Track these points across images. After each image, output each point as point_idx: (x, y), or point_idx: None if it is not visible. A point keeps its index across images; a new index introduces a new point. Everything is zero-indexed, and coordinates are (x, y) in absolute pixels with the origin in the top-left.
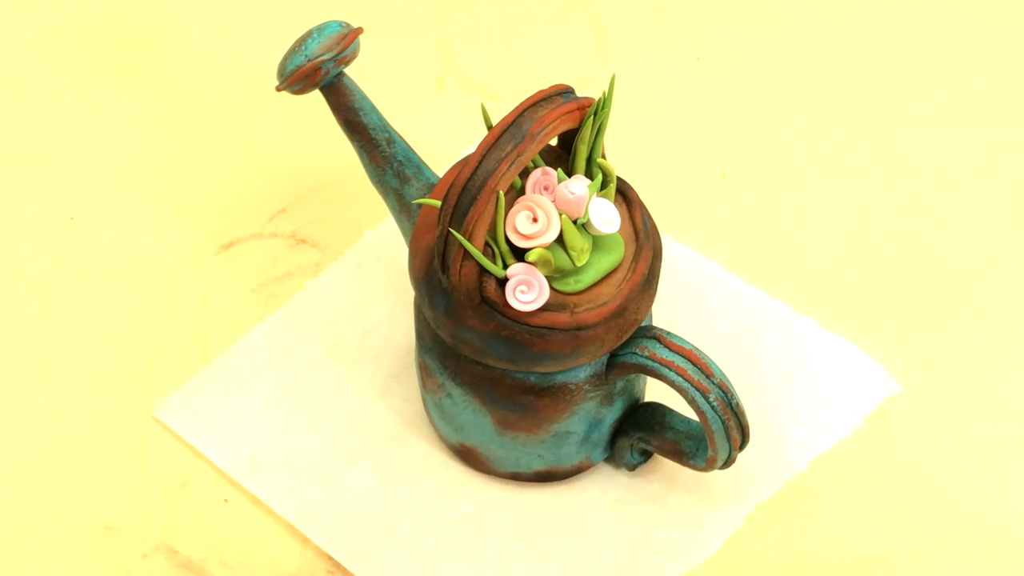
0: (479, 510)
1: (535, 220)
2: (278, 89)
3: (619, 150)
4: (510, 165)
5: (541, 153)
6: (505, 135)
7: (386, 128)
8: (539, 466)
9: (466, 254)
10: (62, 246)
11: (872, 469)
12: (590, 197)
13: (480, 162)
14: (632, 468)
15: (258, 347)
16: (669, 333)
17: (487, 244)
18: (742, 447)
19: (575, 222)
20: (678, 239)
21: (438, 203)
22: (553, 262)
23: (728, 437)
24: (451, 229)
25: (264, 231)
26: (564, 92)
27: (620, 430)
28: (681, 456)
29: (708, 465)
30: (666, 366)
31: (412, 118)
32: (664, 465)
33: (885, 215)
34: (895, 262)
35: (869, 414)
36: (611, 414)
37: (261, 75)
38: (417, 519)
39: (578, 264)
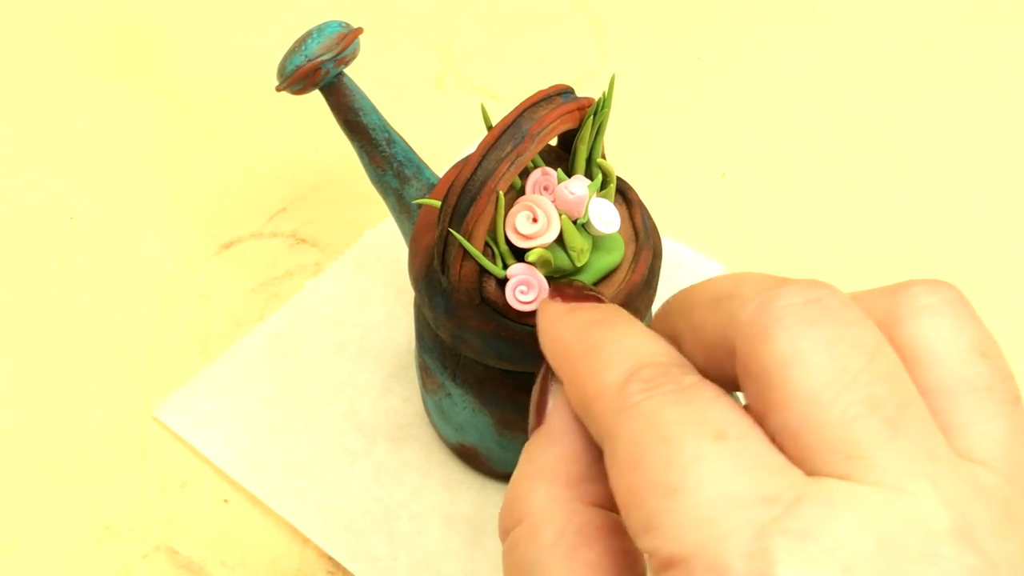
0: (479, 510)
1: (535, 220)
2: (278, 89)
3: (619, 150)
4: (510, 165)
5: (541, 153)
6: (505, 135)
7: (386, 128)
8: None
9: (466, 254)
10: (62, 246)
11: None
12: (590, 197)
13: (480, 162)
14: None
15: (258, 347)
16: None
17: (487, 244)
18: None
19: (575, 222)
20: (678, 239)
21: (438, 203)
22: (553, 262)
23: None
24: (451, 229)
25: (264, 231)
26: (564, 92)
27: None
28: None
29: None
30: None
31: (412, 118)
32: None
33: (885, 215)
34: (895, 262)
35: None
36: None
37: (261, 75)
38: (417, 519)
39: (578, 264)
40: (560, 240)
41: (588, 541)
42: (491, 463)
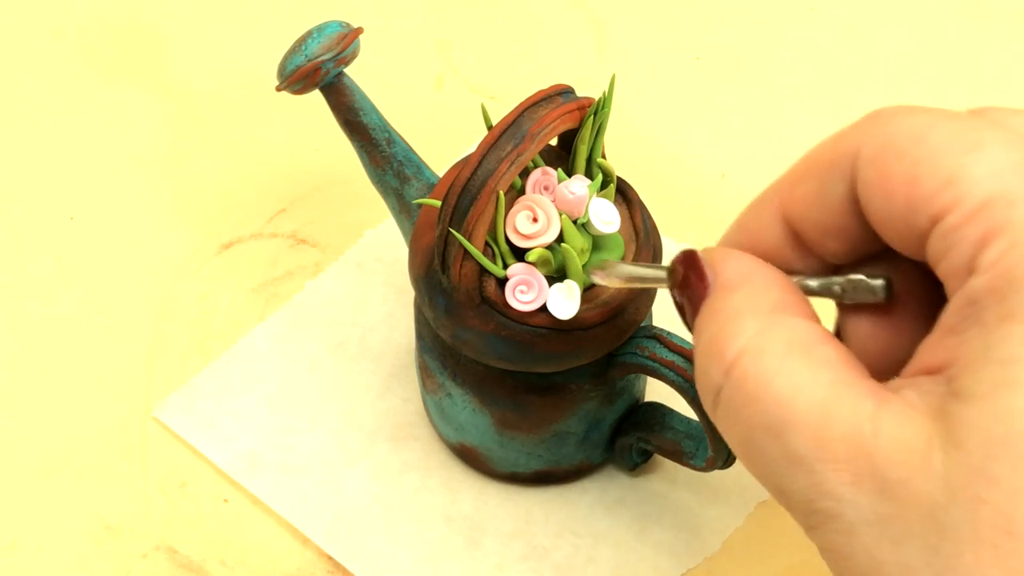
0: (479, 510)
1: (535, 220)
2: (278, 89)
3: (619, 150)
4: (510, 165)
5: (541, 153)
6: (505, 135)
7: (386, 128)
8: (539, 466)
9: (466, 254)
10: (62, 246)
11: None
12: (590, 197)
13: (480, 162)
14: (632, 468)
15: (258, 347)
16: (669, 333)
17: (487, 244)
18: None
19: (575, 222)
20: (678, 239)
21: (438, 203)
22: (553, 262)
23: None
24: (451, 229)
25: (264, 231)
26: (564, 92)
27: (620, 430)
28: (681, 456)
29: (708, 465)
30: (666, 366)
31: (412, 118)
32: (664, 465)
33: None
34: None
35: None
36: (611, 414)
37: (261, 75)
38: (417, 519)
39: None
40: (560, 240)
41: (820, 340)
42: (491, 463)
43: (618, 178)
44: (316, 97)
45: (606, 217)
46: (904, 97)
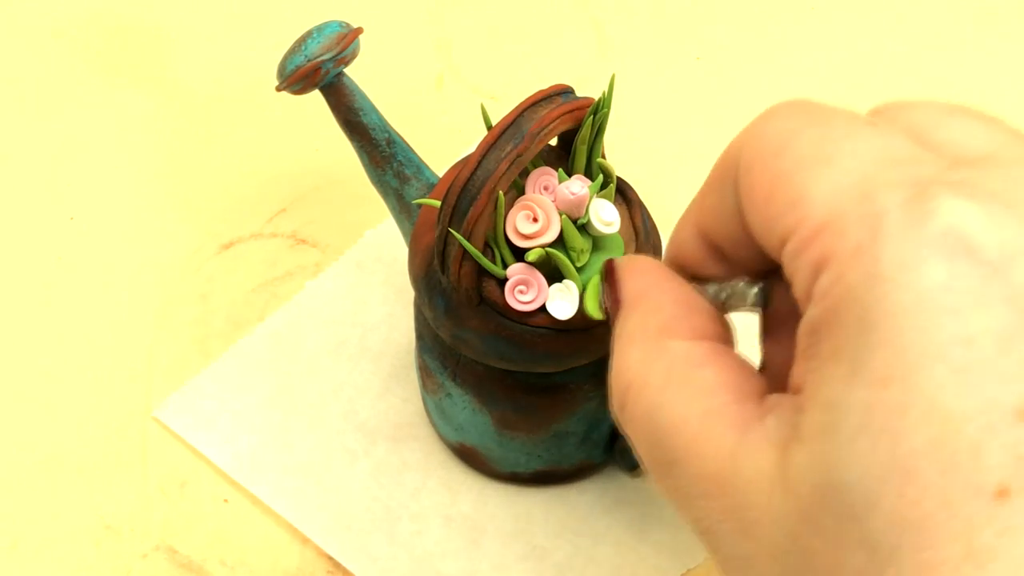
0: (479, 510)
1: (535, 220)
2: (278, 89)
3: (619, 150)
4: (510, 165)
5: (541, 153)
6: (505, 135)
7: (386, 128)
8: (539, 466)
9: (466, 254)
10: (62, 246)
11: None
12: (590, 197)
13: (480, 162)
14: (632, 468)
15: (258, 347)
16: None
17: (487, 244)
18: None
19: (575, 222)
20: None
21: (438, 203)
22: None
23: None
24: (451, 229)
25: (264, 231)
26: (564, 92)
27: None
28: None
29: None
30: None
31: (412, 118)
32: None
33: None
34: None
35: None
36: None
37: (261, 75)
38: (417, 519)
39: (578, 264)
40: (560, 240)
41: (699, 364)
42: (491, 463)
43: (618, 178)
44: (316, 97)
45: (606, 217)
46: (903, 97)
